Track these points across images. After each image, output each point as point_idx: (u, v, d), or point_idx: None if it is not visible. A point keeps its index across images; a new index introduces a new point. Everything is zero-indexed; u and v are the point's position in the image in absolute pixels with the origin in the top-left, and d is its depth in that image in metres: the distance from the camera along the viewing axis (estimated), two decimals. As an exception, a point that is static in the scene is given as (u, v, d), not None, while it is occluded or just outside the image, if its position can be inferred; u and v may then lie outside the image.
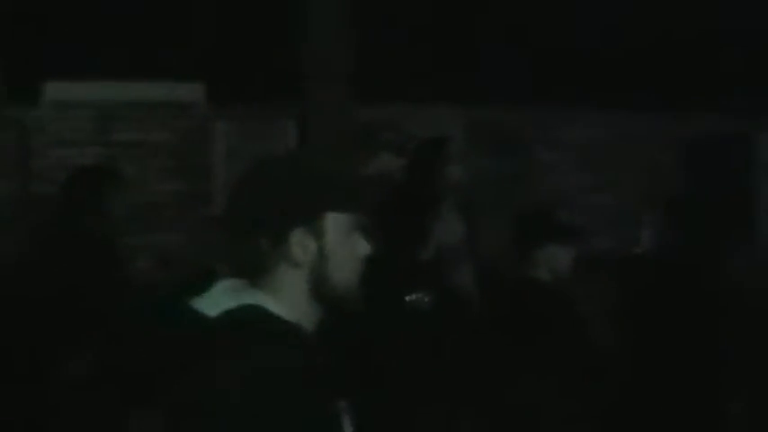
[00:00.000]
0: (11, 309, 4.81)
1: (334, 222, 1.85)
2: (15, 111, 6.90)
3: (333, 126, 6.18)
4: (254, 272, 1.84)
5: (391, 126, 5.67)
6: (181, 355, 1.86)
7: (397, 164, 5.23)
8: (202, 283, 1.88)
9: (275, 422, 1.65)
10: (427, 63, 8.25)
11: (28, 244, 5.56)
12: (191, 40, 7.69)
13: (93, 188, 5.30)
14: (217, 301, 1.82)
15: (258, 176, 1.88)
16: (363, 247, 1.90)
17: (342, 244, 1.86)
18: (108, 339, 4.90)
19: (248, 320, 1.78)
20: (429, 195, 5.28)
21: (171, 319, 1.96)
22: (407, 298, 4.93)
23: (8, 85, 7.03)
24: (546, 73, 8.41)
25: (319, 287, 1.85)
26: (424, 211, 5.19)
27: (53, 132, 6.96)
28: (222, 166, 7.06)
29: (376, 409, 4.08)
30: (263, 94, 7.26)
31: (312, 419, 1.69)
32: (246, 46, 7.76)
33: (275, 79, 7.22)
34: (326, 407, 1.76)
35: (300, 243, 1.82)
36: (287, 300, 1.83)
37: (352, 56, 6.44)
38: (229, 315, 1.78)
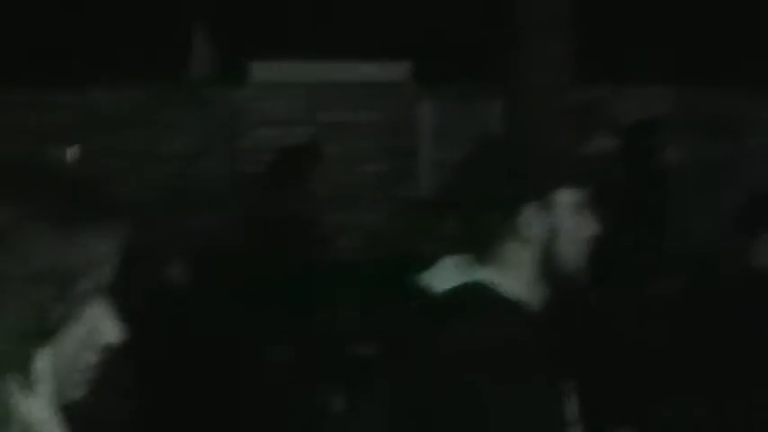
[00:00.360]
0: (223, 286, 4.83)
1: (565, 199, 1.83)
2: (223, 91, 6.97)
3: (546, 106, 6.00)
4: (482, 248, 1.85)
5: (604, 106, 5.48)
6: (407, 329, 1.88)
7: (612, 143, 5.11)
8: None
9: (493, 397, 1.65)
10: (638, 42, 7.95)
11: (234, 222, 5.61)
12: (397, 19, 7.60)
13: (298, 168, 5.28)
14: (445, 276, 1.83)
15: (488, 154, 1.92)
16: (592, 226, 1.87)
17: (571, 221, 1.85)
18: (311, 321, 4.87)
19: (475, 297, 1.78)
20: (645, 176, 5.12)
21: (401, 293, 1.95)
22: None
23: (216, 65, 7.11)
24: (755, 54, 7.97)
25: (548, 264, 1.83)
26: (645, 192, 5.04)
27: (259, 112, 7.00)
28: (428, 146, 6.94)
29: (603, 394, 3.97)
30: (469, 74, 7.11)
31: (532, 397, 1.68)
32: (454, 26, 7.63)
33: (482, 59, 7.05)
34: (548, 386, 1.75)
35: (531, 219, 1.81)
36: (514, 276, 1.81)
37: (567, 35, 6.26)
38: (457, 291, 1.79)
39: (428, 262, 1.90)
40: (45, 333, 1.14)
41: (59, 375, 1.18)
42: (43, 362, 1.15)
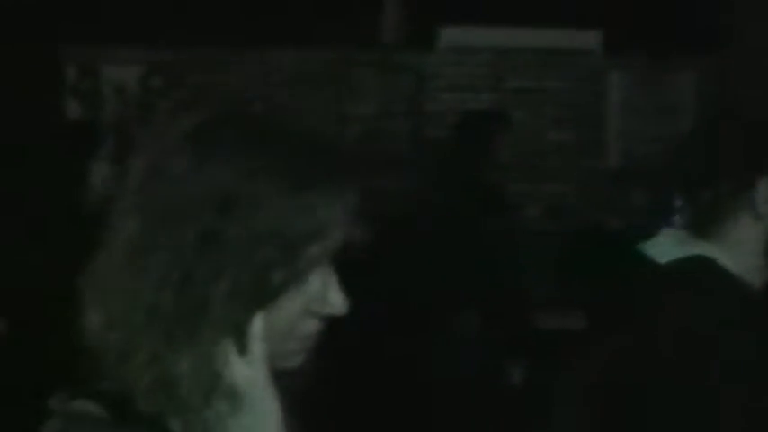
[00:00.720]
0: (405, 252, 4.83)
1: None
2: (412, 56, 6.98)
3: (762, 77, 5.73)
4: (706, 222, 1.80)
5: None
6: (626, 300, 1.83)
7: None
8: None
9: (706, 379, 1.56)
10: None
11: (419, 186, 5.61)
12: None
13: (483, 133, 5.24)
14: (666, 249, 1.79)
15: (719, 124, 1.85)
16: None
17: None
18: (495, 291, 4.83)
19: (697, 272, 1.70)
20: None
21: (620, 262, 1.90)
22: None
23: (406, 30, 7.11)
24: None
25: None
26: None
27: (447, 77, 6.99)
28: (616, 116, 6.80)
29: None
30: (661, 44, 6.91)
31: (752, 380, 1.58)
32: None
33: (676, 29, 6.85)
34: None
35: (766, 192, 1.73)
36: (738, 253, 1.73)
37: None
38: (679, 264, 1.72)
39: (614, 234, 1.87)
40: (264, 296, 1.10)
41: (274, 341, 1.14)
42: (259, 326, 1.11)
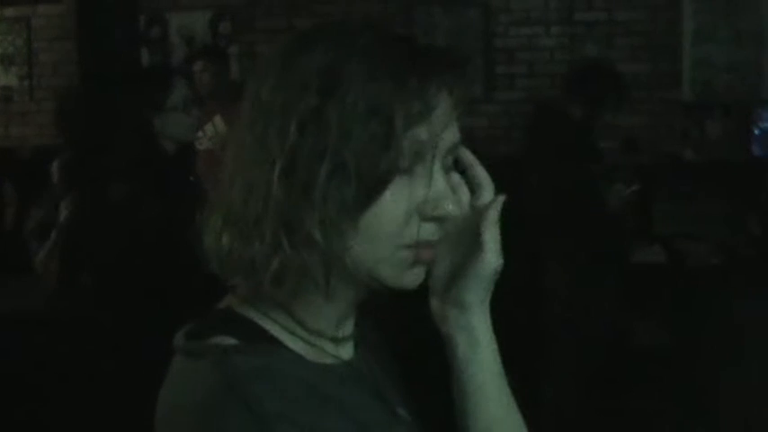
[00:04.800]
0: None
1: None
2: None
3: None
4: None
5: None
6: None
7: None
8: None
9: None
10: None
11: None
12: None
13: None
14: None
15: None
16: None
17: None
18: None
19: None
20: None
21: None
22: None
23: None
24: None
25: None
26: None
27: (517, 11, 6.89)
28: (690, 46, 6.66)
29: None
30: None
31: None
32: None
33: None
34: None
35: None
36: None
37: None
38: None
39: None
40: (368, 181, 1.07)
41: (384, 246, 1.10)
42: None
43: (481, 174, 1.21)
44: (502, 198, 1.19)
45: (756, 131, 6.26)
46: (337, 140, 1.05)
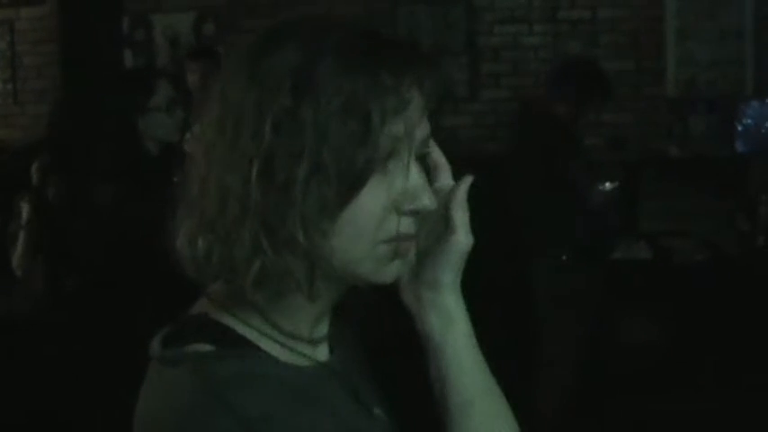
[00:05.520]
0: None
1: None
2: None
3: None
4: None
5: None
6: None
7: None
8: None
9: None
10: None
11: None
12: None
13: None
14: None
15: None
16: None
17: None
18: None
19: None
20: None
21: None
22: None
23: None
24: None
25: None
26: None
27: (501, 9, 6.89)
28: (674, 44, 6.67)
29: None
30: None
31: None
32: None
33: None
34: None
35: None
36: None
37: None
38: None
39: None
40: (348, 178, 1.06)
41: (362, 243, 1.10)
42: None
43: (437, 156, 1.22)
44: (470, 178, 1.19)
45: (740, 127, 6.27)
46: (314, 140, 1.04)
